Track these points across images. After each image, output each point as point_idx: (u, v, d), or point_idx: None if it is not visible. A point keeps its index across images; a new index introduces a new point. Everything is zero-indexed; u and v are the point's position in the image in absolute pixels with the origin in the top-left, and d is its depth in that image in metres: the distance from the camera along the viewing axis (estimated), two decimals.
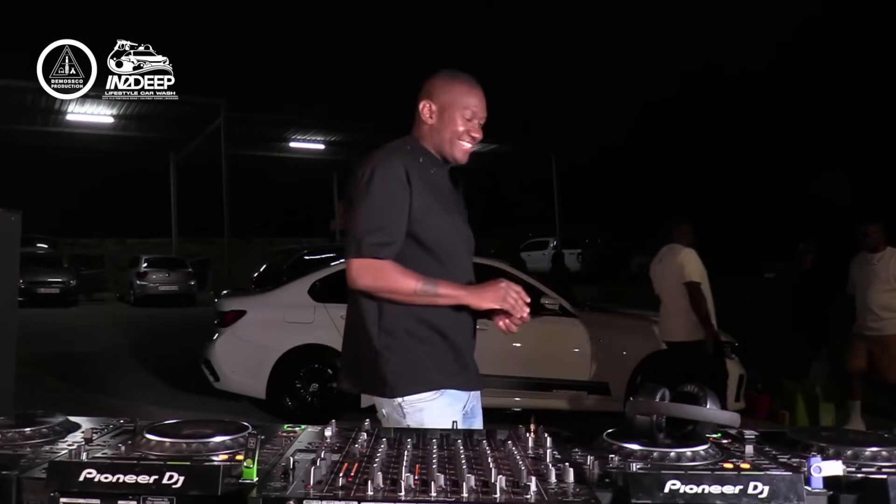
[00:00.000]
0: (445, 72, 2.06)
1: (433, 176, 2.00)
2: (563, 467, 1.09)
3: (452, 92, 2.01)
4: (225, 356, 6.13)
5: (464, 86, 2.02)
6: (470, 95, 2.01)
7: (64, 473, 1.03)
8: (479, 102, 2.03)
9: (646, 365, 5.87)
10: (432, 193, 1.94)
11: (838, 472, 1.10)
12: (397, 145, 2.01)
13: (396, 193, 1.88)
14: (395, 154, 1.95)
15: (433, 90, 2.03)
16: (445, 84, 2.03)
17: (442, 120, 2.01)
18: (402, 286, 1.85)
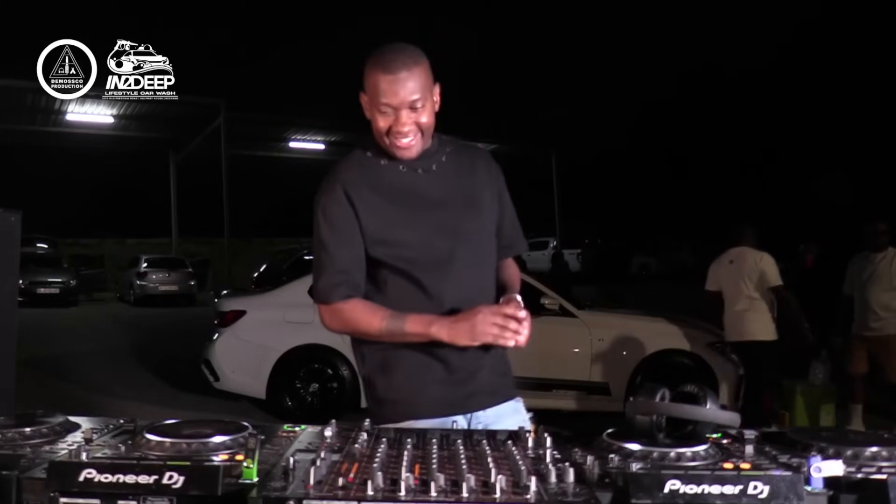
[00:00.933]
0: (375, 52, 1.66)
1: (397, 180, 1.71)
2: (563, 467, 1.09)
3: (369, 81, 1.65)
4: (225, 356, 6.14)
5: (376, 71, 1.62)
6: (381, 82, 1.61)
7: (64, 473, 1.03)
8: (391, 88, 1.60)
9: (646, 365, 5.88)
10: (392, 205, 1.69)
11: (838, 472, 1.10)
12: (352, 154, 1.78)
13: (336, 223, 1.67)
14: (340, 171, 1.72)
15: (364, 76, 1.67)
16: (367, 69, 1.66)
17: (371, 117, 1.69)
18: (367, 328, 1.66)
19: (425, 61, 1.67)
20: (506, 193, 1.88)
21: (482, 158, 1.85)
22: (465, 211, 1.74)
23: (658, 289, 18.21)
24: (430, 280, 1.68)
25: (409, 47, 1.66)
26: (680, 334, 6.08)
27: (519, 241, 1.92)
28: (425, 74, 1.65)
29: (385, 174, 1.72)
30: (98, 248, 27.25)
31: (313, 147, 26.19)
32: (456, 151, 1.81)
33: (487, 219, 1.79)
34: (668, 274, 26.79)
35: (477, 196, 1.77)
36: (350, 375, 5.98)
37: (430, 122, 1.68)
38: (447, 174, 1.76)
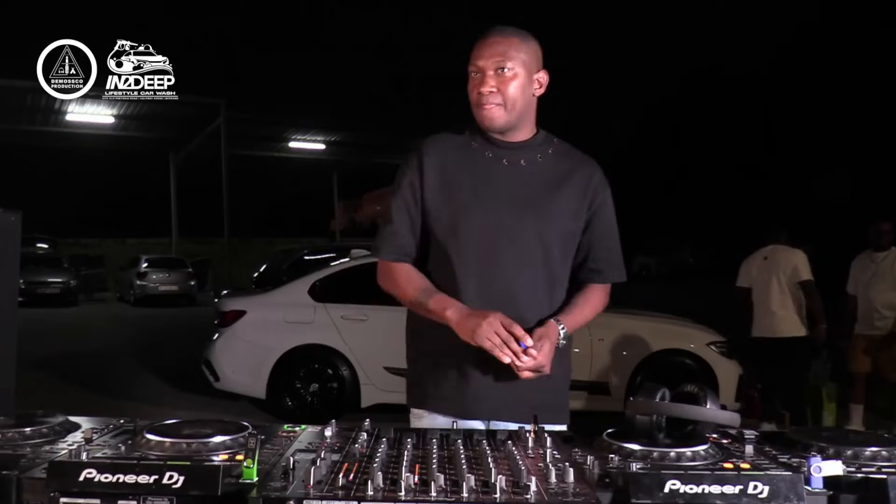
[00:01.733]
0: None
1: (477, 164, 1.71)
2: (563, 467, 1.09)
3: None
4: (225, 356, 6.13)
5: (478, 40, 1.68)
6: (476, 47, 1.66)
7: (64, 473, 1.03)
8: (479, 50, 1.65)
9: (646, 365, 5.88)
10: (459, 186, 1.68)
11: (838, 472, 1.10)
12: (454, 128, 1.78)
13: (402, 187, 1.72)
14: (430, 139, 1.75)
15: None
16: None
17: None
18: (402, 293, 1.71)
19: (531, 41, 1.68)
20: (606, 214, 1.78)
21: (586, 169, 1.76)
22: (526, 212, 1.68)
23: (658, 289, 18.21)
24: (465, 270, 1.67)
25: (518, 29, 1.69)
26: (680, 334, 6.09)
27: (611, 270, 1.80)
28: (524, 48, 1.66)
29: (469, 155, 1.72)
30: (98, 248, 27.24)
31: (313, 147, 26.19)
32: (559, 154, 1.76)
33: (554, 228, 1.70)
34: (668, 274, 26.80)
35: (553, 203, 1.70)
36: (350, 375, 5.98)
37: (519, 96, 1.65)
38: (532, 172, 1.71)
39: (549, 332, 1.62)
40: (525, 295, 1.67)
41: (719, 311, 5.31)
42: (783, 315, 5.37)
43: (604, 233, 1.77)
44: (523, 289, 1.67)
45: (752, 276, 5.58)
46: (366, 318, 5.91)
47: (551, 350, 1.60)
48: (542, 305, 1.69)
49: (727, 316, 5.90)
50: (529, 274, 1.68)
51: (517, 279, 1.67)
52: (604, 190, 1.77)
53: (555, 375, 1.69)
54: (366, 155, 26.11)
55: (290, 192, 33.14)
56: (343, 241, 18.88)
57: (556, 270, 1.72)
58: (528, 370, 1.55)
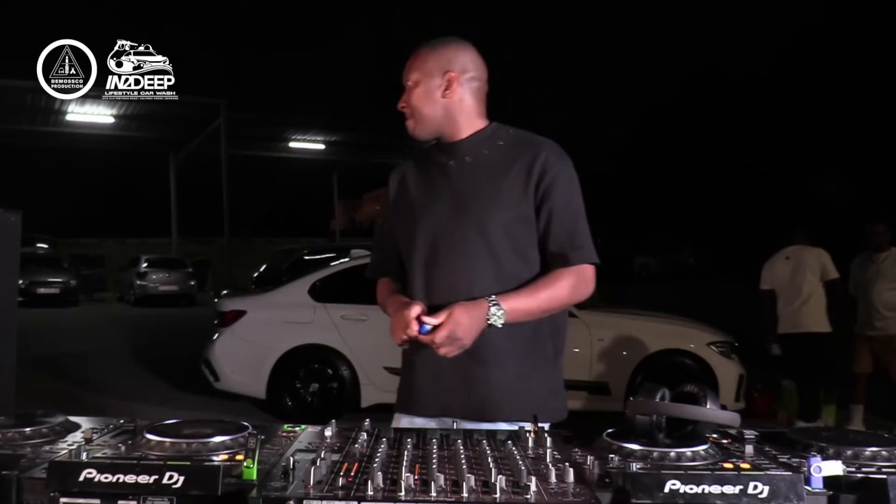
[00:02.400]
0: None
1: (430, 170, 1.77)
2: (563, 467, 1.09)
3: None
4: (225, 356, 6.14)
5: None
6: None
7: (64, 473, 1.03)
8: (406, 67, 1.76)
9: (646, 365, 5.88)
10: (413, 195, 1.77)
11: (838, 472, 1.10)
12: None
13: (384, 206, 1.88)
14: (407, 160, 1.88)
15: None
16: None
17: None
18: (380, 305, 1.86)
19: (442, 47, 1.73)
20: (559, 192, 1.66)
21: (532, 150, 1.68)
22: (465, 207, 1.67)
23: (658, 289, 18.22)
24: (414, 273, 1.73)
25: (445, 38, 1.76)
26: (680, 334, 6.09)
27: (575, 252, 1.66)
28: (430, 56, 1.72)
29: (424, 165, 1.81)
30: (98, 248, 27.25)
31: (313, 147, 26.20)
32: (509, 143, 1.72)
33: (496, 218, 1.65)
34: (668, 274, 26.80)
35: (493, 192, 1.66)
36: (350, 375, 5.98)
37: (422, 103, 1.72)
38: (476, 166, 1.70)
39: (459, 307, 1.56)
40: (470, 290, 1.62)
41: (719, 312, 5.31)
42: (813, 311, 5.53)
43: (559, 212, 1.66)
44: (468, 284, 1.63)
45: (776, 277, 5.69)
46: (366, 318, 5.91)
47: (455, 323, 1.54)
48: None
49: (727, 315, 5.90)
50: (473, 268, 1.65)
51: (459, 275, 1.65)
52: (553, 167, 1.67)
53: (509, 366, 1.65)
54: (366, 155, 26.10)
55: (290, 192, 33.14)
56: (343, 241, 18.87)
57: (506, 261, 1.65)
58: (442, 347, 1.55)
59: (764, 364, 6.30)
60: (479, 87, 1.75)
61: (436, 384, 1.70)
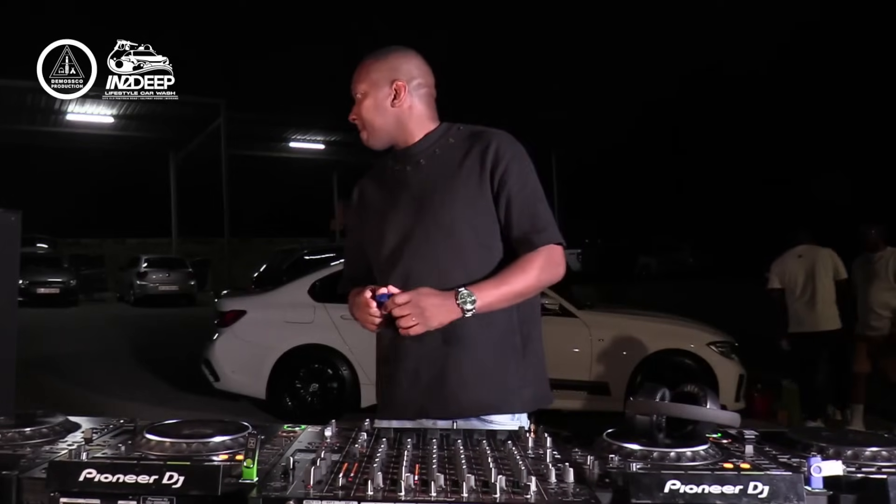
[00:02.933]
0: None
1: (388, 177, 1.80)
2: (563, 467, 1.09)
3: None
4: (225, 356, 6.13)
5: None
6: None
7: (64, 473, 1.03)
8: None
9: (646, 365, 5.88)
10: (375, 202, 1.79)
11: (838, 472, 1.10)
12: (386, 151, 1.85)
13: (348, 223, 1.90)
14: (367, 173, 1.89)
15: None
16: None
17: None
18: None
19: (389, 56, 1.74)
20: (516, 177, 1.66)
21: (483, 141, 1.69)
22: (421, 207, 1.68)
23: (658, 289, 18.21)
24: (380, 279, 1.73)
25: (387, 47, 1.76)
26: (680, 334, 6.09)
27: (538, 234, 1.65)
28: (375, 66, 1.73)
29: (383, 174, 1.83)
30: (98, 248, 27.23)
31: (313, 147, 26.19)
32: (460, 139, 1.73)
33: (452, 213, 1.65)
34: (668, 274, 26.81)
35: (447, 188, 1.67)
36: (350, 375, 5.98)
37: (373, 115, 1.73)
38: (430, 167, 1.72)
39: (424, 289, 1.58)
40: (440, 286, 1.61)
41: (719, 312, 5.32)
42: (827, 309, 5.60)
43: (516, 197, 1.66)
44: (437, 281, 1.62)
45: (787, 276, 5.74)
46: None
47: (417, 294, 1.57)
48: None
49: (727, 316, 5.90)
50: (439, 265, 1.65)
51: (427, 273, 1.64)
52: (506, 153, 1.67)
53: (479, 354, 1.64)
54: (366, 155, 25.69)
55: (290, 192, 33.12)
56: (343, 241, 18.86)
57: (471, 254, 1.65)
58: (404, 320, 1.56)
59: (764, 364, 6.31)
60: (427, 92, 1.76)
61: (413, 385, 1.67)
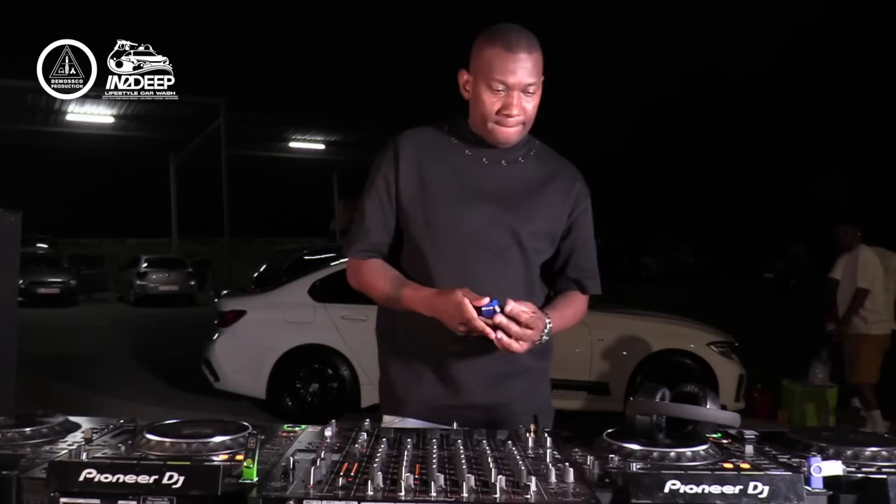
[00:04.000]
0: (490, 28, 1.61)
1: (457, 161, 1.66)
2: (563, 467, 1.09)
3: (483, 56, 1.58)
4: (225, 356, 6.14)
5: (496, 47, 1.55)
6: (500, 58, 1.54)
7: (64, 473, 1.03)
8: (510, 66, 1.54)
9: (646, 365, 5.88)
10: (436, 184, 1.63)
11: (838, 472, 1.10)
12: (428, 124, 1.74)
13: (377, 184, 1.68)
14: (405, 135, 1.70)
15: (472, 53, 1.62)
16: (480, 45, 1.60)
17: (474, 95, 1.62)
18: (374, 289, 1.65)
19: (540, 49, 1.60)
20: (587, 224, 1.74)
21: (567, 174, 1.72)
22: (504, 212, 1.63)
23: (658, 289, 18.21)
24: (441, 268, 1.61)
25: (527, 31, 1.60)
26: (680, 334, 6.09)
27: (590, 281, 1.75)
28: (541, 63, 1.59)
29: (447, 152, 1.67)
30: (98, 248, 27.22)
31: (313, 147, 26.18)
32: (541, 157, 1.72)
33: (532, 229, 1.65)
34: (668, 274, 26.81)
35: (533, 205, 1.65)
36: (350, 375, 5.98)
37: (534, 113, 1.62)
38: (514, 174, 1.66)
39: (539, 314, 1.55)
40: (502, 296, 1.53)
41: (719, 312, 5.32)
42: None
43: (584, 242, 1.74)
44: (500, 289, 1.54)
45: (875, 276, 5.71)
46: (366, 318, 5.91)
47: (536, 315, 1.52)
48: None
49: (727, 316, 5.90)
50: (506, 274, 1.63)
51: (493, 279, 1.60)
52: (585, 198, 1.74)
53: (536, 372, 1.72)
54: (366, 155, 26.02)
55: (290, 192, 33.12)
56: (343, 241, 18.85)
57: (533, 273, 1.68)
58: (517, 342, 1.47)
59: (764, 364, 6.32)
60: None
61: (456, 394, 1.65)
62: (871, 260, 5.62)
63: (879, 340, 5.59)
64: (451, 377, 1.64)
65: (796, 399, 5.81)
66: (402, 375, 1.69)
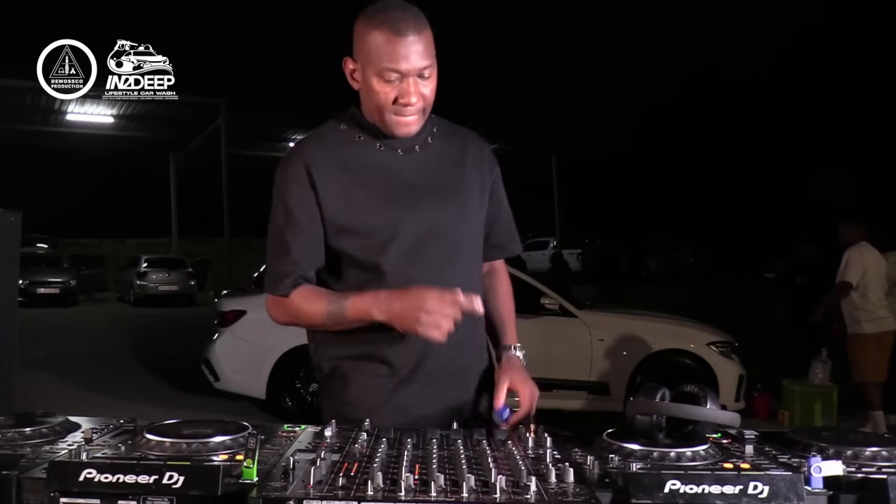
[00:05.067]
0: (371, 8, 1.45)
1: (372, 159, 1.53)
2: (563, 467, 1.09)
3: (367, 41, 1.43)
4: (225, 356, 6.14)
5: (381, 30, 1.41)
6: (388, 43, 1.40)
7: (64, 473, 1.03)
8: (400, 51, 1.40)
9: (646, 365, 5.88)
10: (361, 187, 1.50)
11: (838, 472, 1.10)
12: (323, 127, 1.60)
13: (292, 206, 1.49)
14: (306, 145, 1.55)
15: (354, 37, 1.47)
16: (362, 28, 1.45)
17: (364, 85, 1.48)
18: (313, 318, 1.50)
19: (428, 24, 1.47)
20: (500, 187, 1.69)
21: (474, 143, 1.65)
22: (444, 201, 1.54)
23: (658, 289, 18.22)
24: (395, 275, 1.49)
25: (411, 6, 1.45)
26: (680, 334, 6.09)
27: (512, 242, 1.73)
28: (432, 40, 1.46)
29: (359, 152, 1.53)
30: (98, 248, 27.24)
31: None
32: (445, 133, 1.62)
33: (472, 212, 1.59)
34: (668, 274, 26.83)
35: (462, 185, 1.58)
36: None
37: (433, 97, 1.50)
38: (431, 157, 1.56)
39: (518, 380, 1.63)
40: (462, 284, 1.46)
41: (719, 312, 5.32)
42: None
43: (502, 206, 1.70)
44: (454, 282, 1.45)
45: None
46: None
47: (532, 397, 1.61)
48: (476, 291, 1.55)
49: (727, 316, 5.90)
50: (459, 266, 1.56)
51: (447, 274, 1.51)
52: (495, 162, 1.68)
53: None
54: None
55: None
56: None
57: (477, 255, 1.64)
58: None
59: (764, 364, 6.32)
60: None
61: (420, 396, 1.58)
62: (867, 257, 5.61)
63: (876, 339, 5.57)
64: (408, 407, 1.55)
65: (796, 399, 5.81)
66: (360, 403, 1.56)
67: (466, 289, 1.44)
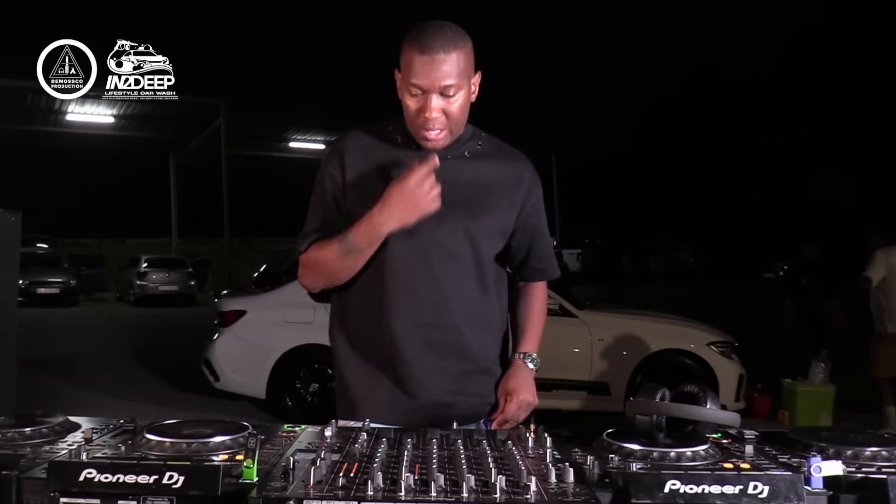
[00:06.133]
0: (415, 27, 1.54)
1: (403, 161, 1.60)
2: (563, 467, 1.09)
3: (403, 58, 1.53)
4: (225, 356, 6.14)
5: (412, 49, 1.50)
6: (415, 62, 1.50)
7: (64, 473, 1.03)
8: (423, 69, 1.49)
9: (646, 365, 5.89)
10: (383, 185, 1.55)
11: (838, 472, 1.10)
12: (382, 122, 1.69)
13: (324, 186, 1.65)
14: (350, 136, 1.67)
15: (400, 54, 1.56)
16: (404, 45, 1.54)
17: (400, 96, 1.58)
18: (331, 261, 1.58)
19: (467, 45, 1.54)
20: (541, 210, 1.73)
21: (517, 165, 1.69)
22: (454, 209, 1.57)
23: (658, 289, 18.22)
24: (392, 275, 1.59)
25: (451, 27, 1.53)
26: (680, 334, 6.09)
27: (552, 265, 1.81)
28: (464, 59, 1.53)
29: (392, 151, 1.63)
30: (98, 248, 27.26)
31: (313, 147, 26.20)
32: (488, 149, 1.68)
33: (484, 224, 1.63)
34: (668, 274, 26.85)
35: (482, 198, 1.62)
36: None
37: (461, 112, 1.56)
38: (460, 168, 1.62)
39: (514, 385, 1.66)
40: (456, 293, 1.59)
41: (719, 312, 5.32)
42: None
43: (542, 231, 1.75)
44: (454, 287, 1.58)
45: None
46: None
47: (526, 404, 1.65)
48: (474, 304, 1.64)
49: (727, 315, 5.90)
50: (459, 271, 1.61)
51: (446, 277, 1.59)
52: (536, 186, 1.71)
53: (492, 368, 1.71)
54: None
55: (290, 191, 33.07)
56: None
57: (486, 267, 1.65)
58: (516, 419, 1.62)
59: (764, 364, 6.32)
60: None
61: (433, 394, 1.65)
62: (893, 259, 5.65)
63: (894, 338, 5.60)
64: (409, 378, 1.61)
65: (796, 399, 5.81)
66: (358, 378, 1.65)
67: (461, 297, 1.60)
